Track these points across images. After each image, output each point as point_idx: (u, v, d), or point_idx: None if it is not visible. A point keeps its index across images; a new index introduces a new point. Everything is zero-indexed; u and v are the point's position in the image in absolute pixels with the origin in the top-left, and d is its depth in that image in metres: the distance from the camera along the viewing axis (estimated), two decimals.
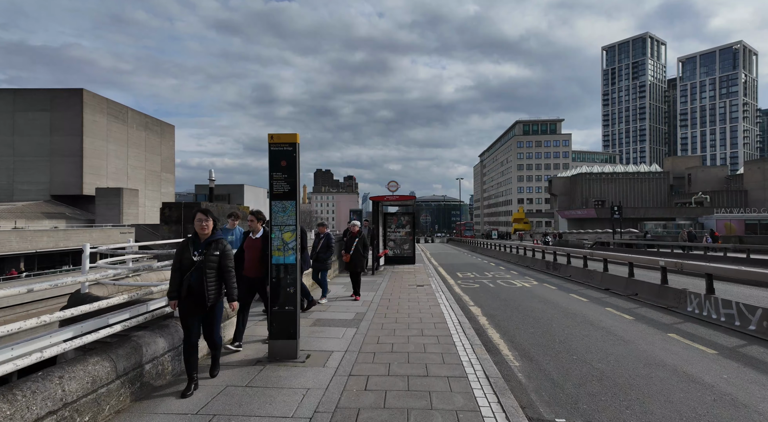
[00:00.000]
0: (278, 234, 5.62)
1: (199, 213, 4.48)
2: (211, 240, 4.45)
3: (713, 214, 66.73)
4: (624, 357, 6.02)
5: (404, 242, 19.93)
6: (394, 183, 17.10)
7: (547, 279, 14.99)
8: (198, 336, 4.48)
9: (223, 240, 4.54)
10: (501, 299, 10.98)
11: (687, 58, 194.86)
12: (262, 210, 6.23)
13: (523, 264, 20.97)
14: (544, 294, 11.64)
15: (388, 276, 15.00)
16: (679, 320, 8.27)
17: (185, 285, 4.31)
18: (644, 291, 10.53)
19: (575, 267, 15.03)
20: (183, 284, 4.31)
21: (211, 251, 4.40)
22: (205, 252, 4.37)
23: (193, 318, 4.40)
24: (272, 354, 5.51)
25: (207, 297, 4.33)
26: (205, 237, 4.47)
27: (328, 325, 7.45)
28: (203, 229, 4.45)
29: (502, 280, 14.93)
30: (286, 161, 5.66)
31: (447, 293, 11.23)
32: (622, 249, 29.99)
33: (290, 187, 5.65)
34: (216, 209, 12.73)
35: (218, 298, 4.50)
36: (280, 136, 5.68)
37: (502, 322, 8.30)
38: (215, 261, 4.42)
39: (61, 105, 55.60)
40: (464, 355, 5.67)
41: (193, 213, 4.70)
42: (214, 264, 4.40)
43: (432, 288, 12.10)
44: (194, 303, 4.37)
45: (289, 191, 5.65)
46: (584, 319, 8.43)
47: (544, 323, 8.17)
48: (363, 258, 10.15)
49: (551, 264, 17.19)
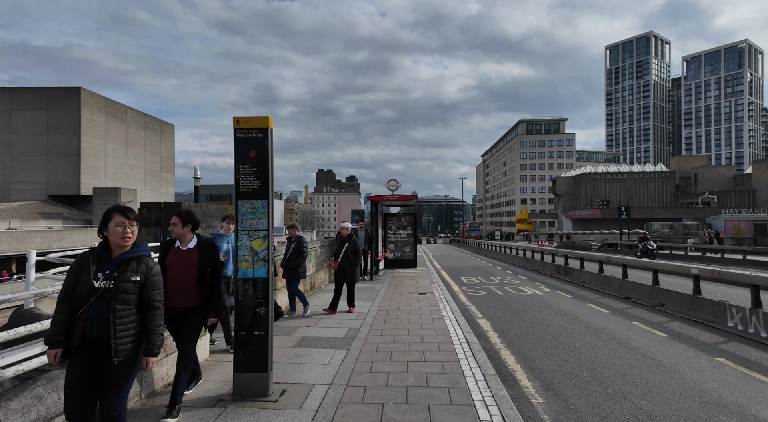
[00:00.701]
0: (246, 242, 4.55)
1: (115, 213, 2.87)
2: (130, 256, 2.87)
3: (721, 215, 65.36)
4: (671, 391, 4.92)
5: (405, 244, 18.85)
6: (394, 181, 16.02)
7: (559, 286, 13.87)
8: (91, 412, 2.82)
9: (148, 258, 2.98)
10: (512, 310, 9.88)
11: (692, 57, 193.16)
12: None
13: (531, 267, 19.85)
14: (559, 304, 10.54)
15: (388, 282, 13.92)
16: (722, 339, 7.15)
17: (79, 326, 2.72)
18: (672, 301, 9.41)
19: (589, 273, 13.91)
20: (76, 325, 2.73)
21: (127, 274, 2.81)
22: (117, 276, 2.79)
23: (85, 384, 2.75)
24: (237, 391, 4.43)
25: (114, 350, 2.71)
26: (121, 252, 2.88)
27: (314, 346, 6.37)
28: (124, 239, 2.85)
29: (511, 286, 13.83)
30: (256, 151, 4.58)
31: (452, 303, 10.13)
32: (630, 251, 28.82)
33: (261, 183, 4.58)
34: (200, 210, 11.63)
35: (135, 354, 2.87)
36: (249, 119, 4.61)
37: (516, 340, 7.20)
38: (133, 290, 2.82)
39: (59, 104, 54.78)
40: (476, 391, 4.58)
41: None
42: (130, 297, 2.81)
43: (435, 296, 11.01)
44: (91, 358, 2.75)
45: (260, 188, 4.58)
46: (611, 337, 7.33)
47: (565, 341, 7.07)
48: (353, 266, 8.76)
49: (562, 269, 16.07)
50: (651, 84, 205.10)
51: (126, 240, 2.88)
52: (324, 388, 4.69)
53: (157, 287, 2.97)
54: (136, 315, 2.87)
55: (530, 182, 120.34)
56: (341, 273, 8.76)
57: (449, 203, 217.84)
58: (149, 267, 2.95)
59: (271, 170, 4.61)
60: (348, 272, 8.75)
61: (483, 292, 12.67)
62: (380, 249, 16.75)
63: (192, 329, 3.96)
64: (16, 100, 54.72)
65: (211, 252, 4.07)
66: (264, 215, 4.57)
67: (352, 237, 8.84)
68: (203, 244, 4.09)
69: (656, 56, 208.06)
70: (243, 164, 4.57)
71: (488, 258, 28.61)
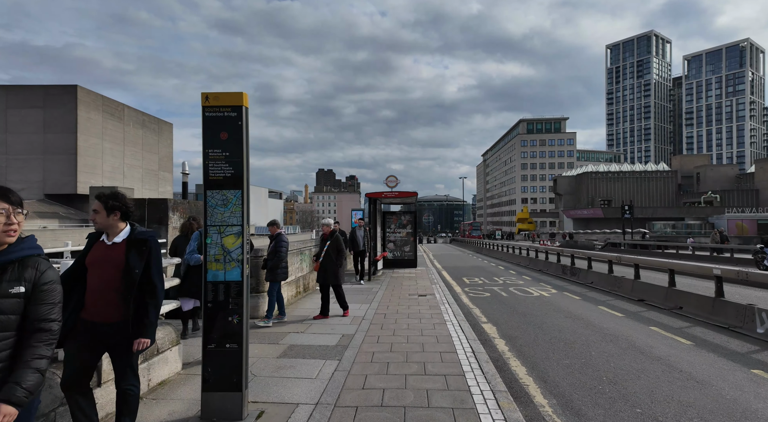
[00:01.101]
0: (216, 239, 3.90)
1: None
2: (9, 258, 2.01)
3: (724, 214, 64.84)
4: (710, 411, 4.26)
5: (405, 243, 18.20)
6: (393, 178, 15.32)
7: (566, 287, 13.21)
8: None
9: (38, 259, 2.10)
10: (518, 313, 9.22)
11: (693, 56, 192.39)
12: (267, 212, 3.81)
13: (535, 267, 19.19)
14: (568, 307, 9.87)
15: (386, 283, 13.26)
16: (754, 347, 6.49)
17: None
18: (691, 304, 8.75)
19: (598, 273, 13.25)
20: None
21: (3, 285, 1.96)
22: None
23: None
24: (206, 414, 3.78)
25: None
26: None
27: (303, 356, 5.71)
28: (5, 233, 2.01)
29: (516, 287, 13.17)
30: (229, 132, 3.92)
31: (454, 305, 9.47)
32: (637, 251, 28.19)
33: (234, 170, 3.92)
34: (187, 207, 10.99)
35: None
36: (220, 96, 3.95)
37: (525, 349, 6.54)
38: (13, 309, 1.97)
39: (55, 102, 54.15)
40: (485, 413, 3.93)
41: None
42: (9, 318, 1.95)
43: (436, 298, 10.35)
44: None
45: (232, 176, 3.92)
46: (630, 344, 6.67)
47: (580, 349, 6.41)
48: (336, 266, 7.98)
49: (568, 269, 15.41)
50: (652, 83, 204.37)
51: (8, 235, 2.02)
52: (308, 409, 4.03)
53: (49, 301, 2.06)
54: (15, 339, 1.97)
55: (531, 181, 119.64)
56: (323, 275, 7.99)
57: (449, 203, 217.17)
58: (39, 272, 2.06)
59: (247, 155, 3.96)
60: (330, 272, 7.97)
61: (486, 294, 12.01)
62: (379, 248, 16.09)
63: (121, 352, 2.99)
64: (12, 98, 54.10)
65: (145, 249, 3.03)
66: (238, 208, 3.92)
67: (334, 234, 8.11)
68: (134, 239, 3.02)
69: (657, 55, 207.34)
70: (213, 148, 3.91)
71: (490, 258, 27.94)
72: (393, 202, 16.66)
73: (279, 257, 7.35)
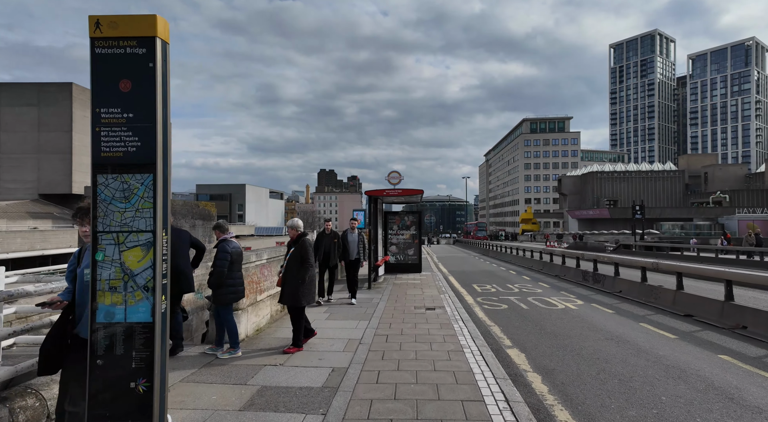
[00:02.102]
0: (113, 253, 2.39)
1: None
2: None
3: (735, 215, 63.21)
4: None
5: (408, 246, 16.68)
6: (396, 174, 13.75)
7: (592, 297, 11.67)
8: None
9: None
10: (547, 333, 7.69)
11: (697, 55, 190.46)
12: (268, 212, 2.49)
13: (551, 272, 17.62)
14: (604, 324, 8.34)
15: (389, 292, 11.75)
16: None
17: None
18: (761, 323, 7.20)
19: (628, 281, 11.70)
20: None
21: None
22: None
23: None
24: None
25: None
26: None
27: (276, 407, 4.20)
28: None
29: (535, 297, 11.63)
30: (133, 80, 2.42)
31: (469, 323, 7.94)
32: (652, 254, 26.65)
33: (141, 143, 2.41)
34: None
35: None
36: (120, 21, 2.43)
37: (570, 390, 5.01)
38: None
39: (50, 100, 53.02)
40: None
41: None
42: None
43: (447, 313, 8.83)
44: None
45: (139, 151, 2.41)
46: (707, 384, 5.13)
47: (645, 393, 4.87)
48: (297, 281, 5.97)
49: (590, 275, 13.86)
50: (656, 83, 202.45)
51: None
52: None
53: None
54: None
55: (534, 181, 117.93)
56: (284, 293, 6.10)
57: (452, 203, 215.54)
58: None
59: (165, 117, 2.44)
60: (292, 291, 5.97)
61: (503, 306, 10.47)
62: (380, 252, 14.56)
63: None
64: (6, 95, 52.97)
65: None
66: (148, 203, 2.41)
67: (300, 239, 6.17)
68: None
69: (661, 55, 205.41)
70: (107, 106, 2.41)
71: (498, 261, 26.38)
72: (396, 200, 15.10)
73: (217, 273, 5.62)
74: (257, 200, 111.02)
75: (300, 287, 5.97)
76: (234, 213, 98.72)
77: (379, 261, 13.55)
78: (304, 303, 6.02)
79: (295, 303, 5.98)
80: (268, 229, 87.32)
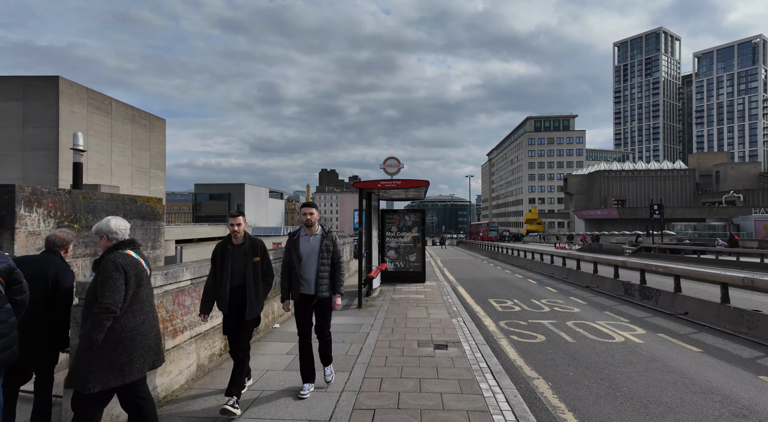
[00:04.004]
0: None
1: None
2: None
3: (751, 215, 60.21)
4: None
5: (410, 251, 13.95)
6: (394, 161, 10.97)
7: (649, 321, 8.92)
8: None
9: None
10: (623, 394, 5.05)
11: (703, 53, 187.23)
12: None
13: (578, 282, 14.81)
14: (704, 376, 5.61)
15: (384, 314, 9.01)
16: None
17: None
18: None
19: (695, 299, 9.02)
20: None
21: None
22: None
23: None
24: None
25: None
26: None
27: None
28: None
29: (575, 322, 8.88)
30: None
31: (503, 379, 5.22)
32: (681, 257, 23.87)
33: None
34: (81, 201, 6.61)
35: None
36: None
37: None
38: None
39: (35, 94, 50.36)
40: None
41: None
42: None
43: (465, 355, 6.07)
44: None
45: None
46: None
47: None
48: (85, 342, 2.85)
49: (636, 289, 11.13)
50: (660, 81, 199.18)
51: None
52: None
53: None
54: None
55: (539, 181, 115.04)
56: None
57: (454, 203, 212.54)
58: None
59: None
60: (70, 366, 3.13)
61: (539, 337, 7.71)
62: (375, 259, 11.78)
63: None
64: None
65: None
66: None
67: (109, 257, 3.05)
68: None
69: (666, 53, 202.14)
70: None
71: (511, 267, 23.56)
72: (395, 195, 12.30)
73: None
74: (257, 200, 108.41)
75: (87, 352, 2.89)
76: None
77: (373, 272, 10.81)
78: (92, 387, 2.86)
79: (77, 385, 2.90)
80: (266, 229, 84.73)
